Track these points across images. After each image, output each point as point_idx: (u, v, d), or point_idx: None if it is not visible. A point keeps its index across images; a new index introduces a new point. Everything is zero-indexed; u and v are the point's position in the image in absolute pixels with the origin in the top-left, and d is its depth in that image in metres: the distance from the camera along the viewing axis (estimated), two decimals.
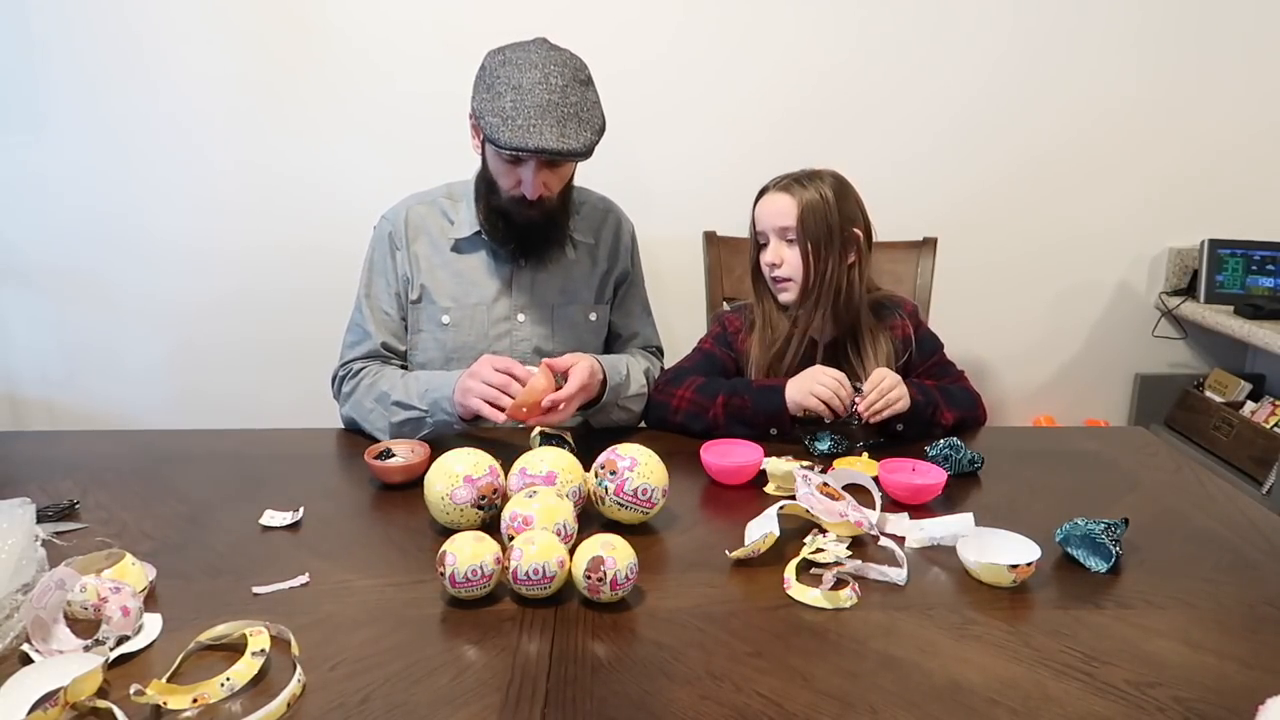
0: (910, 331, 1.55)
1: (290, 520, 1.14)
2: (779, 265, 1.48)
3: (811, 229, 1.45)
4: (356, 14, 2.10)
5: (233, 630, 0.87)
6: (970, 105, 2.25)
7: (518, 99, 1.32)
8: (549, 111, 1.32)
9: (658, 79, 2.18)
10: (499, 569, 0.95)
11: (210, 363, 2.27)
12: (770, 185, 1.51)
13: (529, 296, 1.56)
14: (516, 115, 1.32)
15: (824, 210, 1.46)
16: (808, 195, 1.46)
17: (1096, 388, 2.49)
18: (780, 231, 1.48)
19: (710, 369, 1.55)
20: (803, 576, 1.01)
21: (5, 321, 2.24)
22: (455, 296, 1.53)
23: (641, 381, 1.53)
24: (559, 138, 1.32)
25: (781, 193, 1.48)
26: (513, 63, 1.35)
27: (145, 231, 2.19)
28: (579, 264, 1.59)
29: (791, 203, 1.46)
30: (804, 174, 1.50)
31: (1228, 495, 1.29)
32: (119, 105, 2.11)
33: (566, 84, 1.34)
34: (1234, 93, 2.28)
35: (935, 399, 1.45)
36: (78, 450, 1.37)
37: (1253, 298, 2.22)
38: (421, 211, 1.56)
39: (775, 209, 1.48)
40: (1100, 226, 2.36)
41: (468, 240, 1.53)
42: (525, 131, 1.31)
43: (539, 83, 1.33)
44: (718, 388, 1.46)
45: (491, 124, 1.33)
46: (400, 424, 1.40)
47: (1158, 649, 0.90)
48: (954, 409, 1.47)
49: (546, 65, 1.34)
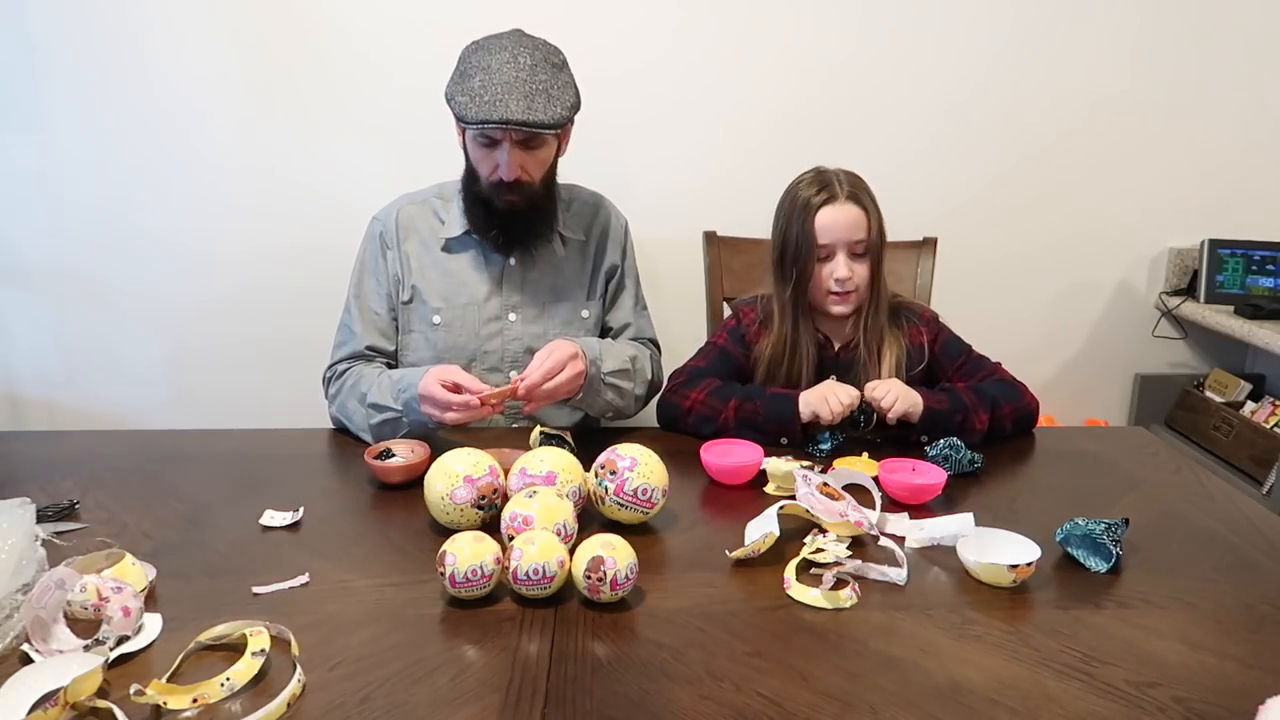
0: (925, 340, 1.52)
1: (290, 520, 1.14)
2: (849, 278, 1.44)
3: (878, 241, 1.45)
4: (356, 14, 2.09)
5: (233, 630, 0.87)
6: (970, 105, 2.25)
7: (486, 78, 1.35)
8: (515, 88, 1.35)
9: (657, 79, 2.18)
10: (499, 569, 0.95)
11: (210, 363, 2.27)
12: (826, 195, 1.44)
13: (520, 295, 1.55)
14: (484, 92, 1.35)
15: (880, 220, 1.46)
16: (874, 207, 1.45)
17: (1096, 388, 2.49)
18: (851, 245, 1.44)
19: (725, 367, 1.52)
20: (803, 576, 1.01)
21: (5, 321, 2.24)
22: (446, 296, 1.53)
23: (624, 359, 1.49)
24: (525, 110, 1.34)
25: (851, 204, 1.44)
26: (484, 48, 1.39)
27: (145, 231, 2.19)
28: (570, 261, 1.58)
29: (862, 215, 1.44)
30: (852, 179, 1.47)
31: (1228, 495, 1.29)
32: (118, 105, 2.10)
33: (535, 64, 1.37)
34: (1234, 93, 2.28)
35: (964, 405, 1.40)
36: (78, 450, 1.37)
37: (1253, 298, 2.22)
38: (412, 211, 1.56)
39: (848, 221, 1.43)
40: (1100, 226, 2.36)
41: (458, 240, 1.53)
42: (491, 106, 1.34)
43: (507, 63, 1.36)
44: (731, 392, 1.43)
45: (460, 103, 1.37)
46: (379, 425, 1.40)
47: (1158, 649, 0.90)
48: (988, 409, 1.41)
49: (516, 48, 1.38)
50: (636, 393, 1.52)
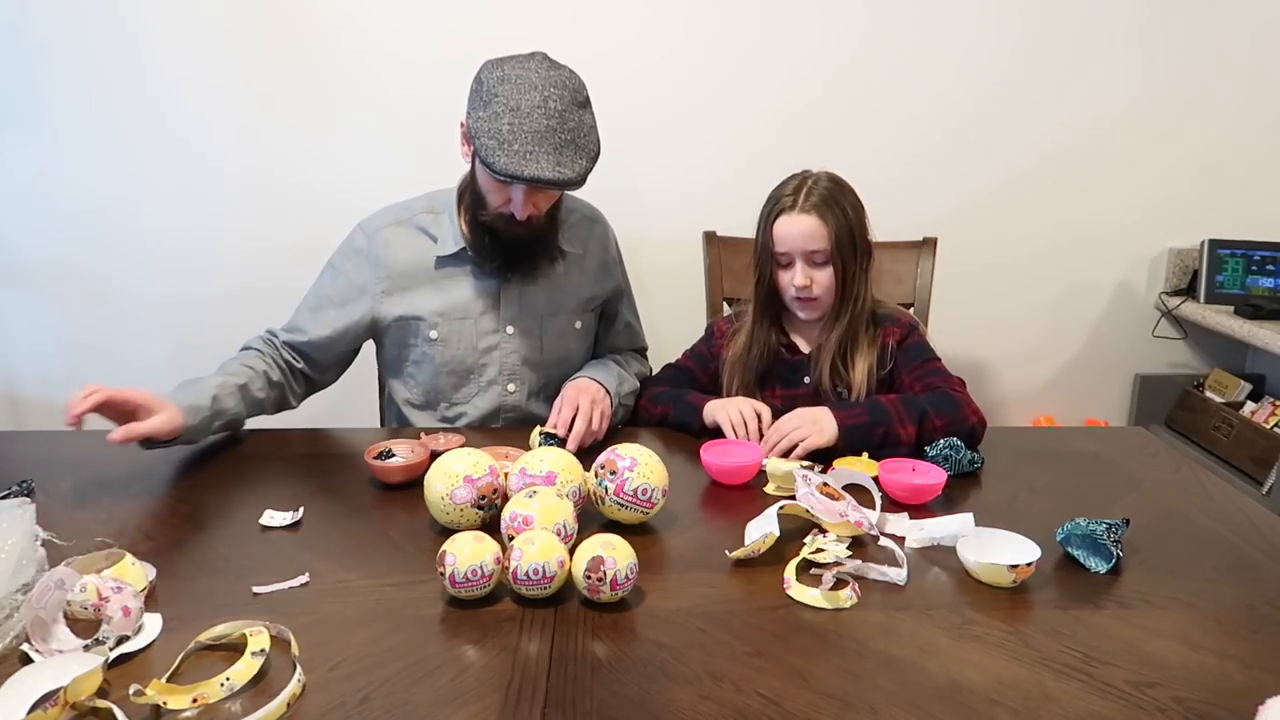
0: (894, 340, 1.50)
1: (290, 520, 1.14)
2: (808, 286, 1.45)
3: (845, 250, 1.44)
4: (354, 16, 2.09)
5: (233, 630, 0.87)
6: (971, 107, 2.25)
7: (515, 122, 1.30)
8: (546, 138, 1.30)
9: (660, 81, 2.18)
10: (499, 569, 0.95)
11: (210, 363, 2.24)
12: (787, 203, 1.44)
13: (517, 309, 1.54)
14: (514, 139, 1.29)
15: (850, 229, 1.44)
16: (836, 217, 1.42)
17: (1096, 388, 2.49)
18: (809, 255, 1.44)
19: (678, 383, 1.60)
20: (803, 576, 1.01)
21: (5, 321, 2.24)
22: (442, 312, 1.52)
23: (633, 380, 1.59)
24: (555, 166, 1.30)
25: (808, 215, 1.42)
26: (511, 80, 1.32)
27: (145, 231, 2.19)
28: (567, 276, 1.58)
29: (821, 227, 1.42)
30: (822, 188, 1.44)
31: (1228, 495, 1.29)
32: (118, 106, 2.11)
33: (565, 108, 1.32)
34: (1234, 93, 2.28)
35: (887, 416, 1.36)
36: (78, 450, 1.37)
37: (1253, 298, 2.22)
38: (403, 230, 1.52)
39: (803, 231, 1.42)
40: (1100, 227, 2.36)
41: (453, 257, 1.51)
42: (522, 158, 1.29)
43: (538, 106, 1.30)
44: (663, 399, 1.54)
45: (488, 146, 1.31)
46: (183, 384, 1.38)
47: (1158, 649, 0.90)
48: (915, 421, 1.35)
49: (546, 87, 1.32)
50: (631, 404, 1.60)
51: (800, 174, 1.49)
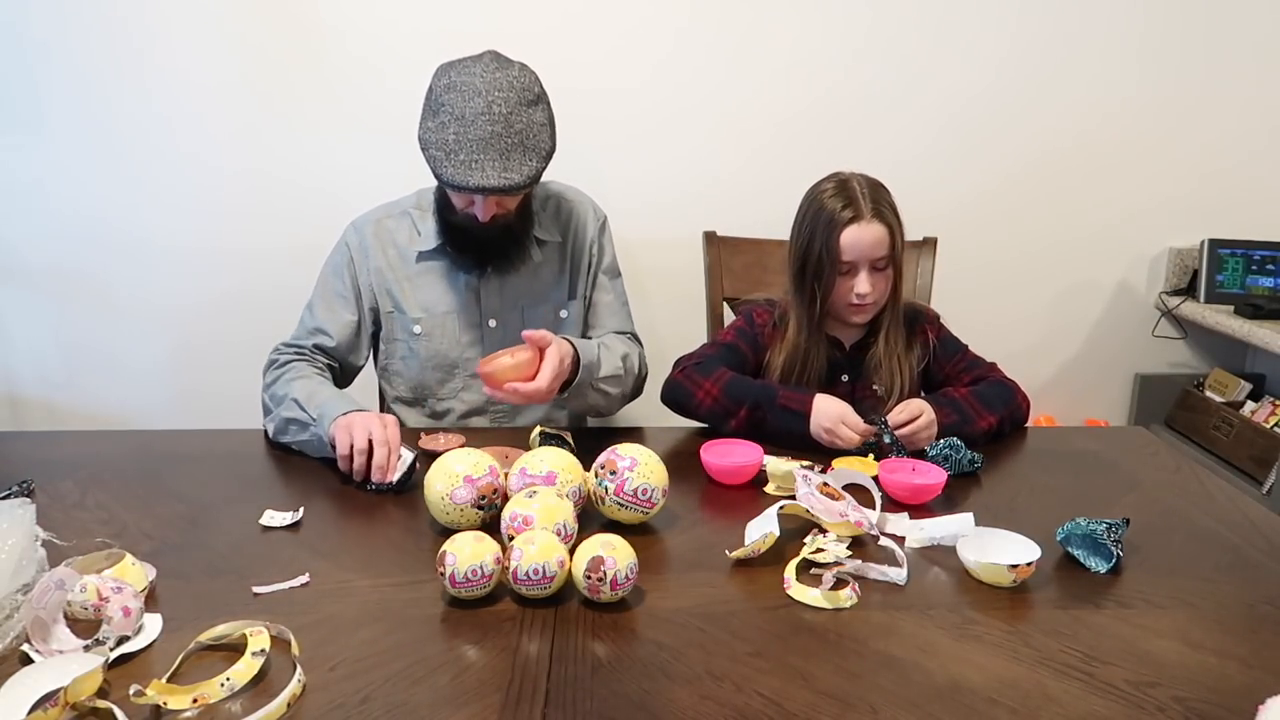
0: (931, 336, 1.54)
1: (290, 520, 1.14)
2: (870, 292, 1.44)
3: (899, 252, 1.45)
4: (355, 16, 2.09)
5: (233, 630, 0.87)
6: (970, 106, 2.25)
7: (460, 131, 1.31)
8: (491, 144, 1.31)
9: (660, 81, 2.17)
10: (499, 569, 0.95)
11: (210, 363, 2.27)
12: (851, 213, 1.42)
13: (499, 301, 1.54)
14: (459, 149, 1.31)
15: (902, 230, 1.46)
16: (894, 221, 1.44)
17: (1096, 388, 2.49)
18: (874, 261, 1.44)
19: (733, 360, 1.51)
20: (803, 576, 1.01)
21: (5, 321, 2.24)
22: (425, 306, 1.53)
23: (616, 364, 1.48)
24: (501, 173, 1.31)
25: (875, 222, 1.42)
26: (457, 88, 1.33)
27: (145, 231, 2.18)
28: (547, 264, 1.57)
29: (884, 232, 1.43)
30: (875, 192, 1.44)
31: (1228, 495, 1.29)
32: (117, 106, 2.10)
33: (511, 110, 1.32)
34: (1234, 93, 2.28)
35: (968, 413, 1.42)
36: (78, 450, 1.37)
37: (1253, 298, 2.22)
38: (390, 225, 1.55)
39: (873, 239, 1.42)
40: (1100, 226, 2.36)
41: (433, 251, 1.52)
42: (468, 168, 1.30)
43: (482, 112, 1.31)
44: (743, 394, 1.42)
45: (435, 157, 1.33)
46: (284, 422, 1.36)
47: (1158, 649, 0.90)
48: (990, 412, 1.44)
49: (491, 91, 1.32)
50: (624, 393, 1.53)
51: (838, 178, 1.47)
